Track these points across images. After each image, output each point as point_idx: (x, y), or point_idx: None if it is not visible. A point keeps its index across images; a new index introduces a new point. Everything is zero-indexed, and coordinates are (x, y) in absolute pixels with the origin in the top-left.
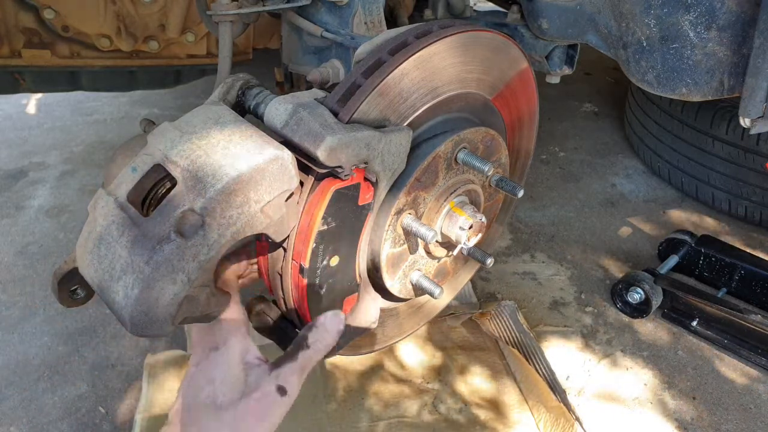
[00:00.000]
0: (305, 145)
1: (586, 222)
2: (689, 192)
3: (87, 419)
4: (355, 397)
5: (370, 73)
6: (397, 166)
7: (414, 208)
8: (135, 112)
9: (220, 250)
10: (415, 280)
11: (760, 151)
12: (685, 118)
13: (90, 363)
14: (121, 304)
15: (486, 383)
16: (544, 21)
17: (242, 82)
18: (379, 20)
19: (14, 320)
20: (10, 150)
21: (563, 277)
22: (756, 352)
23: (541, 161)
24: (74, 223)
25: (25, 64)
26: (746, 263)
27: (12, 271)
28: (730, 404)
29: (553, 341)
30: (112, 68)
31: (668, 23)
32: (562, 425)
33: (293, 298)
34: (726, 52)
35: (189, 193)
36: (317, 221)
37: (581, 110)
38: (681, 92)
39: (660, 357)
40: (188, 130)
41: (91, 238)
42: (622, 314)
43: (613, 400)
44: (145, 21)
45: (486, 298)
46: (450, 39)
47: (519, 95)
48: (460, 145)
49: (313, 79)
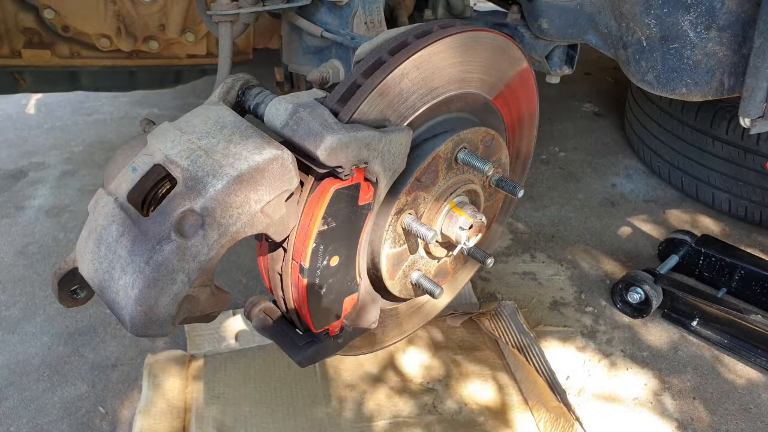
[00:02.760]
0: (305, 145)
1: (586, 222)
2: (689, 192)
3: (87, 419)
4: (355, 397)
5: (370, 73)
6: (397, 166)
7: (414, 208)
8: (135, 112)
9: (220, 250)
10: (415, 280)
11: (760, 151)
12: (685, 118)
13: (90, 363)
14: (121, 304)
15: (486, 383)
16: (544, 21)
17: (242, 82)
18: (379, 20)
19: (14, 320)
20: (10, 150)
21: (563, 277)
22: (756, 352)
23: (541, 161)
24: (74, 223)
25: (25, 64)
26: (746, 263)
27: (12, 271)
28: (730, 404)
29: (553, 341)
30: (112, 68)
31: (668, 23)
32: (562, 425)
33: (293, 298)
34: (726, 52)
35: (189, 193)
36: (317, 221)
37: (581, 110)
38: (681, 92)
39: (660, 357)
40: (188, 130)
41: (91, 238)
42: (622, 314)
43: (613, 400)
44: (145, 21)
45: (486, 298)
46: (450, 39)
47: (519, 95)
48: (460, 145)
49: (313, 79)
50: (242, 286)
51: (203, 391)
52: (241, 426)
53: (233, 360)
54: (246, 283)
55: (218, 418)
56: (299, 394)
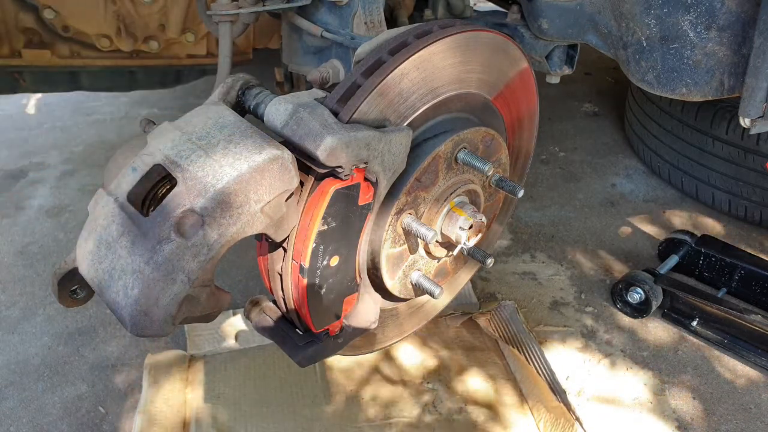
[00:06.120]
0: (305, 145)
1: (586, 222)
2: (689, 192)
3: (87, 419)
4: (355, 397)
5: (370, 73)
6: (397, 166)
7: (414, 208)
8: (135, 112)
9: (220, 251)
10: (415, 280)
11: (760, 151)
12: (685, 118)
13: (90, 363)
14: (121, 304)
15: (486, 383)
16: (544, 21)
17: (242, 82)
18: (379, 20)
19: (14, 320)
20: (10, 150)
21: (563, 277)
22: (756, 352)
23: (541, 161)
24: (74, 223)
25: (25, 64)
26: (746, 263)
27: (12, 271)
28: (730, 404)
29: (553, 341)
30: (112, 68)
31: (668, 23)
32: (562, 425)
33: (293, 298)
34: (726, 52)
35: (189, 193)
36: (317, 221)
37: (581, 110)
38: (681, 92)
39: (660, 357)
40: (188, 130)
41: (91, 238)
42: (622, 314)
43: (612, 400)
44: (145, 21)
45: (486, 298)
46: (450, 39)
47: (519, 95)
48: (460, 145)
49: (313, 79)
50: (242, 286)
51: (203, 391)
52: (241, 426)
53: (233, 360)
54: (246, 283)
55: (218, 418)
56: (299, 394)
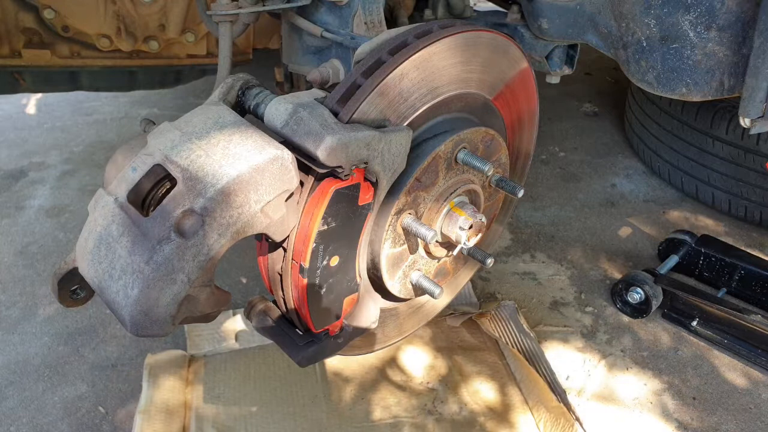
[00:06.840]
0: (305, 145)
1: (586, 222)
2: (689, 192)
3: (87, 419)
4: (355, 397)
5: (370, 73)
6: (397, 166)
7: (414, 208)
8: (135, 112)
9: (220, 251)
10: (415, 280)
11: (760, 151)
12: (685, 118)
13: (90, 363)
14: (121, 304)
15: (486, 384)
16: (544, 21)
17: (242, 82)
18: (379, 20)
19: (14, 320)
20: (10, 150)
21: (563, 277)
22: (756, 352)
23: (541, 161)
24: (74, 223)
25: (25, 64)
26: (746, 263)
27: (12, 271)
28: (730, 404)
29: (553, 341)
30: (112, 68)
31: (668, 23)
32: (562, 425)
33: (293, 298)
34: (726, 52)
35: (189, 193)
36: (317, 221)
37: (581, 110)
38: (681, 92)
39: (660, 357)
40: (188, 130)
41: (91, 238)
42: (622, 314)
43: (613, 400)
44: (145, 21)
45: (486, 298)
46: (450, 39)
47: (519, 95)
48: (460, 145)
49: (313, 79)
50: (242, 286)
51: (203, 391)
52: (240, 426)
53: (233, 360)
54: (246, 283)
55: (218, 418)
56: (299, 394)
